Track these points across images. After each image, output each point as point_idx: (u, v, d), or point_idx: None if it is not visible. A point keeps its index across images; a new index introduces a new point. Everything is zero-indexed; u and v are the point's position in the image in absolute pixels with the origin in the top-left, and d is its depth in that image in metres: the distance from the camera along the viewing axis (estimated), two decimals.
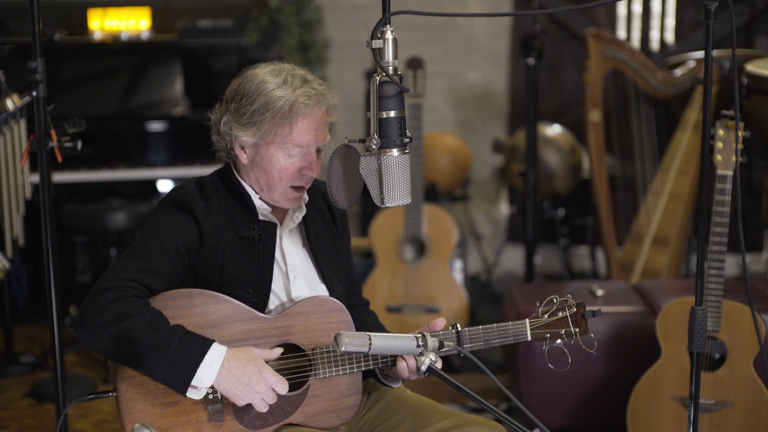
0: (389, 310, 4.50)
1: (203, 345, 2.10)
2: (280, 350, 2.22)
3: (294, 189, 2.33)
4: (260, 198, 2.36)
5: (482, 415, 2.36)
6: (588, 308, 2.37)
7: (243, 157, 2.34)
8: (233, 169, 2.39)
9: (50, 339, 2.86)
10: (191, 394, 2.12)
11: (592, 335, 2.39)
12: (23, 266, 4.99)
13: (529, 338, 2.36)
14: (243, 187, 2.36)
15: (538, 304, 2.39)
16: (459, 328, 2.31)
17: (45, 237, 2.83)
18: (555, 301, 2.38)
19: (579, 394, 3.58)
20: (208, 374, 2.10)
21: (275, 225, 2.36)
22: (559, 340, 2.37)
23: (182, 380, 2.09)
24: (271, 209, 2.36)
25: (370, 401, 2.42)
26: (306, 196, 2.40)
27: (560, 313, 2.37)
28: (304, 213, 2.40)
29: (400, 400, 2.40)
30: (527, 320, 2.37)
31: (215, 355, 2.10)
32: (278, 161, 2.29)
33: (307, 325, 2.28)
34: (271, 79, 2.29)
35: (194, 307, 2.19)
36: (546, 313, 2.38)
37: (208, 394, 2.17)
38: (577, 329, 2.36)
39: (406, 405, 2.38)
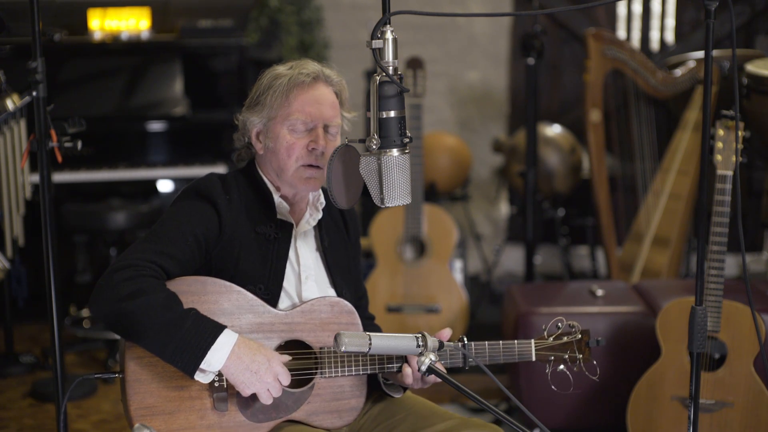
0: (389, 310, 4.50)
1: (215, 328, 2.12)
2: (288, 357, 2.23)
3: (306, 168, 2.33)
4: (280, 196, 2.38)
5: (482, 415, 2.36)
6: (592, 338, 2.37)
7: (258, 147, 2.38)
8: (256, 166, 2.42)
9: (50, 339, 2.86)
10: (199, 377, 2.13)
11: (594, 362, 2.38)
12: (23, 266, 4.99)
13: (534, 359, 2.37)
14: (264, 183, 2.39)
15: (543, 327, 2.39)
16: (465, 342, 2.31)
17: (45, 237, 2.83)
18: (560, 325, 2.37)
19: (579, 394, 3.58)
20: (218, 358, 2.11)
21: (291, 225, 2.38)
22: (562, 366, 2.38)
23: (192, 361, 2.10)
24: (289, 208, 2.38)
25: (370, 400, 2.42)
26: (323, 200, 2.42)
27: (565, 338, 2.38)
28: (320, 216, 2.42)
29: (401, 400, 2.41)
30: (533, 341, 2.37)
31: (226, 340, 2.12)
32: (284, 137, 2.32)
33: (316, 324, 2.30)
34: (280, 67, 2.39)
35: (207, 295, 2.22)
36: (551, 336, 2.38)
37: (214, 381, 2.18)
38: (581, 356, 2.37)
39: (407, 405, 2.39)
